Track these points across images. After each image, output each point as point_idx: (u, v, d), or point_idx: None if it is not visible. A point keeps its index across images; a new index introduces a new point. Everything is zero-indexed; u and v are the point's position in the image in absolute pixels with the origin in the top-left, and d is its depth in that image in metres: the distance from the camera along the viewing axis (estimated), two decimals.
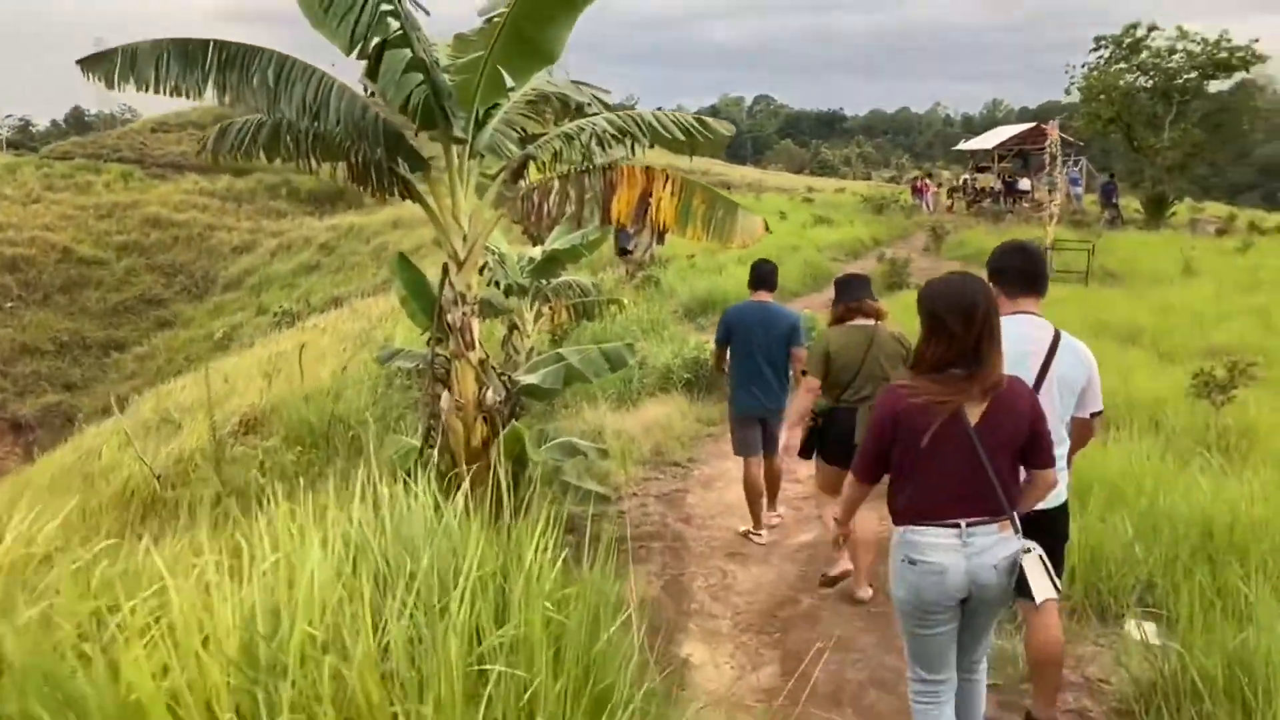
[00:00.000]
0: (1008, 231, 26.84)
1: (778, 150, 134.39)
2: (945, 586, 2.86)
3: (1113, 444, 8.36)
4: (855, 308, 5.06)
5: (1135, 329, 14.48)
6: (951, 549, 2.84)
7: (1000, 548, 2.88)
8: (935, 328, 2.86)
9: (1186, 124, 32.85)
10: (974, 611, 3.00)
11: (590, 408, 9.75)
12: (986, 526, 2.88)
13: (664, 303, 17.82)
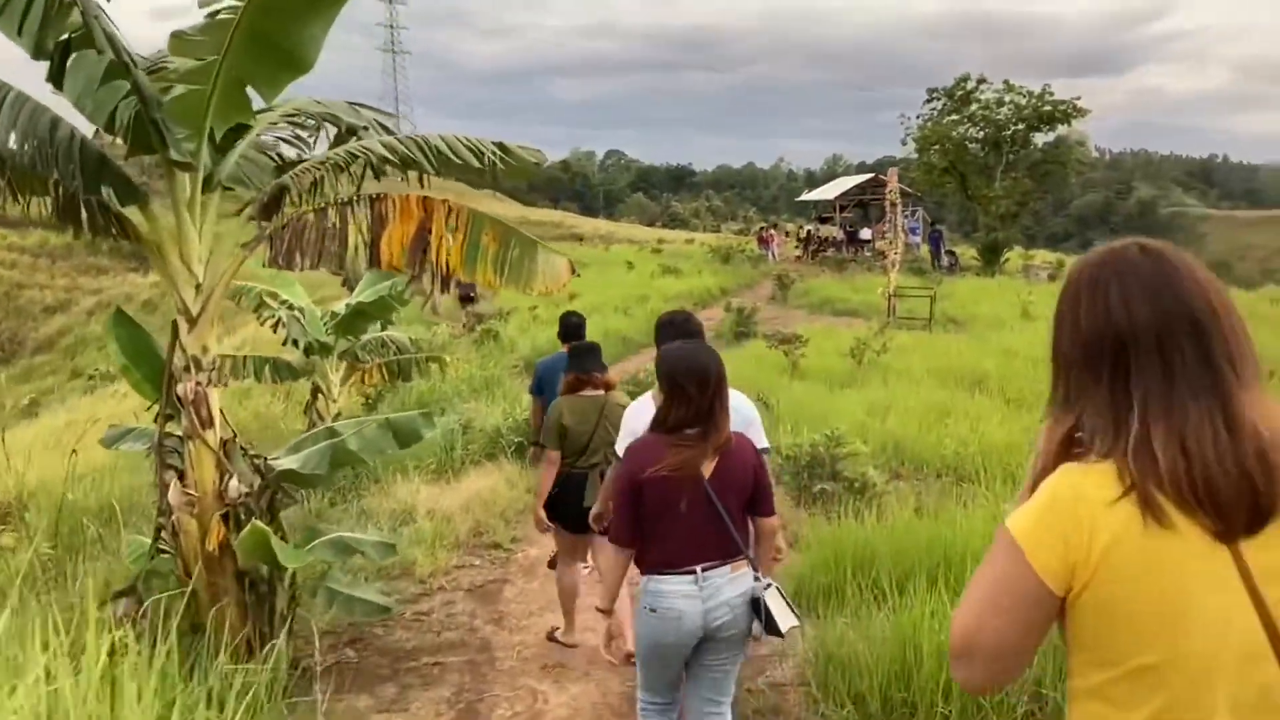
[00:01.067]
0: (851, 279, 27.01)
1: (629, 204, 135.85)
2: (682, 631, 3.06)
3: (973, 504, 7.78)
4: (586, 379, 5.01)
5: (981, 375, 14.27)
6: (689, 595, 3.04)
7: (733, 587, 3.10)
8: (675, 392, 3.06)
9: (1017, 173, 34.27)
10: (715, 649, 3.16)
11: (405, 481, 8.57)
12: (720, 569, 3.09)
13: (503, 357, 16.75)
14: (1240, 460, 1.24)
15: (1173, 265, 1.35)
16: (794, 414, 11.49)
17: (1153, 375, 1.30)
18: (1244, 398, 1.29)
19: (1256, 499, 1.23)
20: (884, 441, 10.26)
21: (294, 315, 8.67)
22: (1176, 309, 1.32)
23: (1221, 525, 1.25)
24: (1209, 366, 1.29)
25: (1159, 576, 1.26)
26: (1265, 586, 1.25)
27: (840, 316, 20.55)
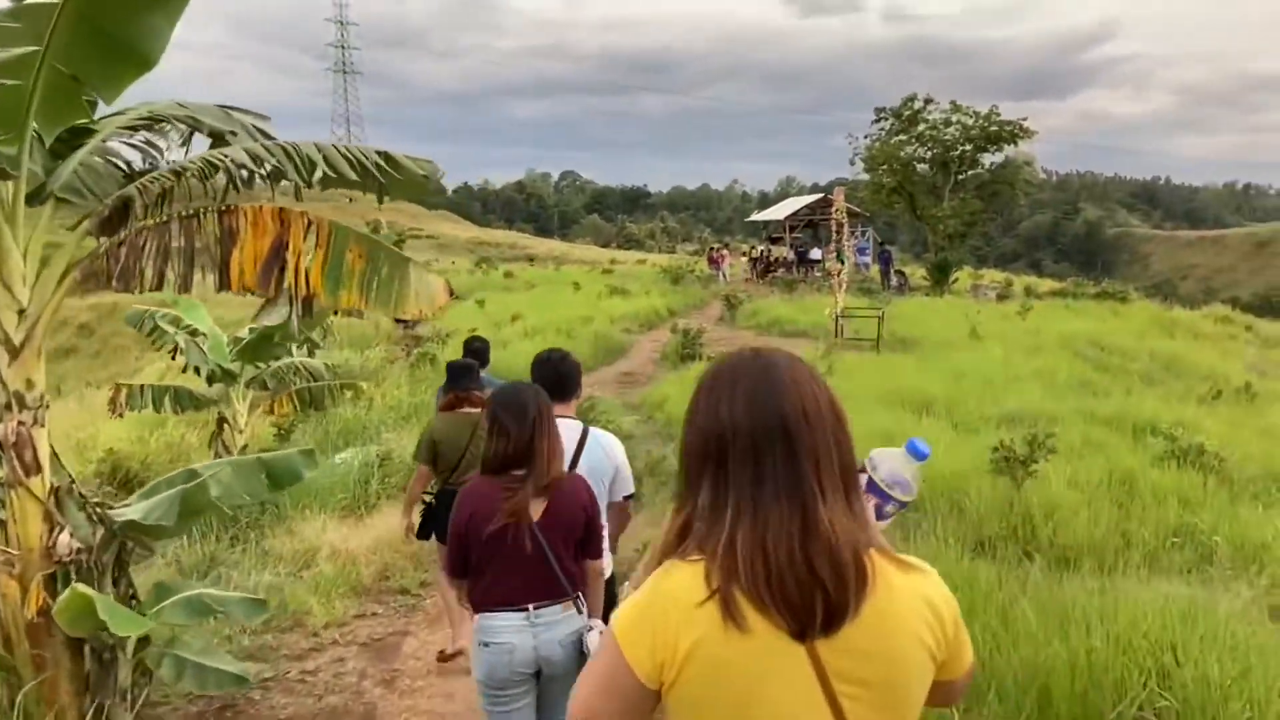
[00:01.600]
0: (800, 300, 26.73)
1: (584, 225, 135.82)
2: (514, 664, 3.09)
3: (918, 538, 7.35)
4: (464, 397, 5.12)
5: (928, 398, 13.93)
6: (520, 630, 3.09)
7: (564, 625, 3.14)
8: (495, 428, 3.12)
9: (965, 193, 34.28)
10: (546, 688, 3.21)
11: (312, 518, 7.97)
12: (552, 608, 3.13)
13: (438, 382, 16.14)
14: (811, 564, 1.29)
15: (778, 373, 1.40)
16: None
17: (745, 478, 1.35)
18: (826, 503, 1.33)
19: (827, 601, 1.29)
20: None
21: (193, 341, 8.04)
22: (771, 416, 1.36)
23: (796, 626, 1.30)
24: (795, 472, 1.34)
25: (735, 676, 1.31)
26: (839, 684, 1.31)
27: (788, 337, 20.15)
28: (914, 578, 1.38)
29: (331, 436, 11.64)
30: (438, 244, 72.43)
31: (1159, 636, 3.94)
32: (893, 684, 1.34)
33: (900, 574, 1.37)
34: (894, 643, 1.33)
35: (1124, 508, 8.70)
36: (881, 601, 1.33)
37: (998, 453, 8.84)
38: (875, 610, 1.32)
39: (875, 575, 1.33)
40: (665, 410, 13.35)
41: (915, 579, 1.38)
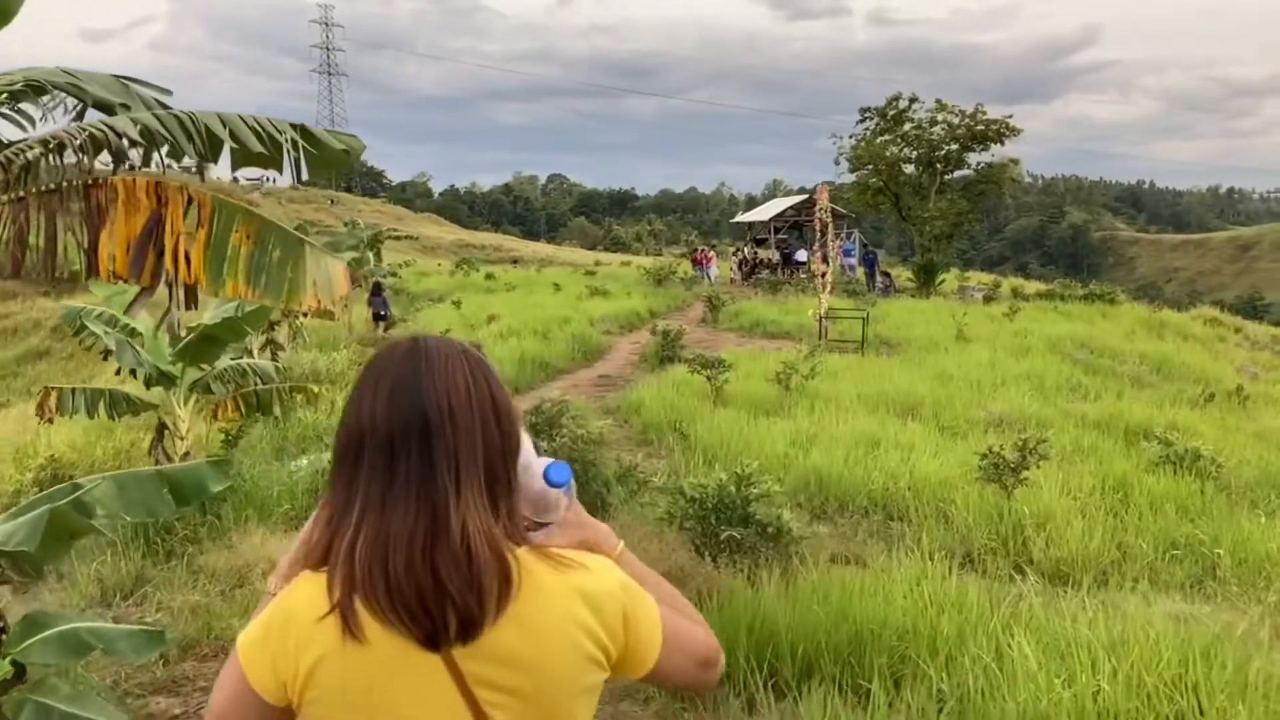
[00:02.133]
0: (784, 302, 26.28)
1: (571, 227, 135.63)
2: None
3: (901, 550, 6.87)
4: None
5: (914, 400, 13.50)
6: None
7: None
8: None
9: (952, 194, 33.81)
10: None
11: (255, 531, 7.44)
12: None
13: None
14: (435, 570, 1.21)
15: (428, 365, 1.29)
16: (712, 446, 10.56)
17: (377, 479, 1.25)
18: (461, 504, 1.24)
19: (457, 609, 1.20)
20: (806, 476, 9.36)
21: (129, 341, 7.49)
22: (411, 411, 1.26)
23: (424, 635, 1.22)
24: (429, 471, 1.24)
25: (362, 692, 1.23)
26: (482, 692, 1.23)
27: (772, 339, 19.71)
28: (572, 575, 1.29)
29: (290, 442, 11.11)
30: (421, 246, 71.82)
31: (1176, 675, 3.45)
32: (545, 691, 1.25)
33: (554, 573, 1.28)
34: (543, 648, 1.25)
35: (1119, 517, 8.25)
36: (528, 605, 1.25)
37: (987, 459, 8.38)
38: (520, 614, 1.25)
39: (521, 577, 1.25)
40: (641, 415, 12.86)
41: (573, 576, 1.29)
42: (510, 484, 1.32)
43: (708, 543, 6.79)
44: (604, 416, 13.06)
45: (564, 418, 10.90)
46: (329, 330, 21.00)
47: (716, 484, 6.96)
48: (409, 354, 1.31)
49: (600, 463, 8.75)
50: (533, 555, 1.28)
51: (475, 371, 1.32)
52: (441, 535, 1.21)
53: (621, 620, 1.30)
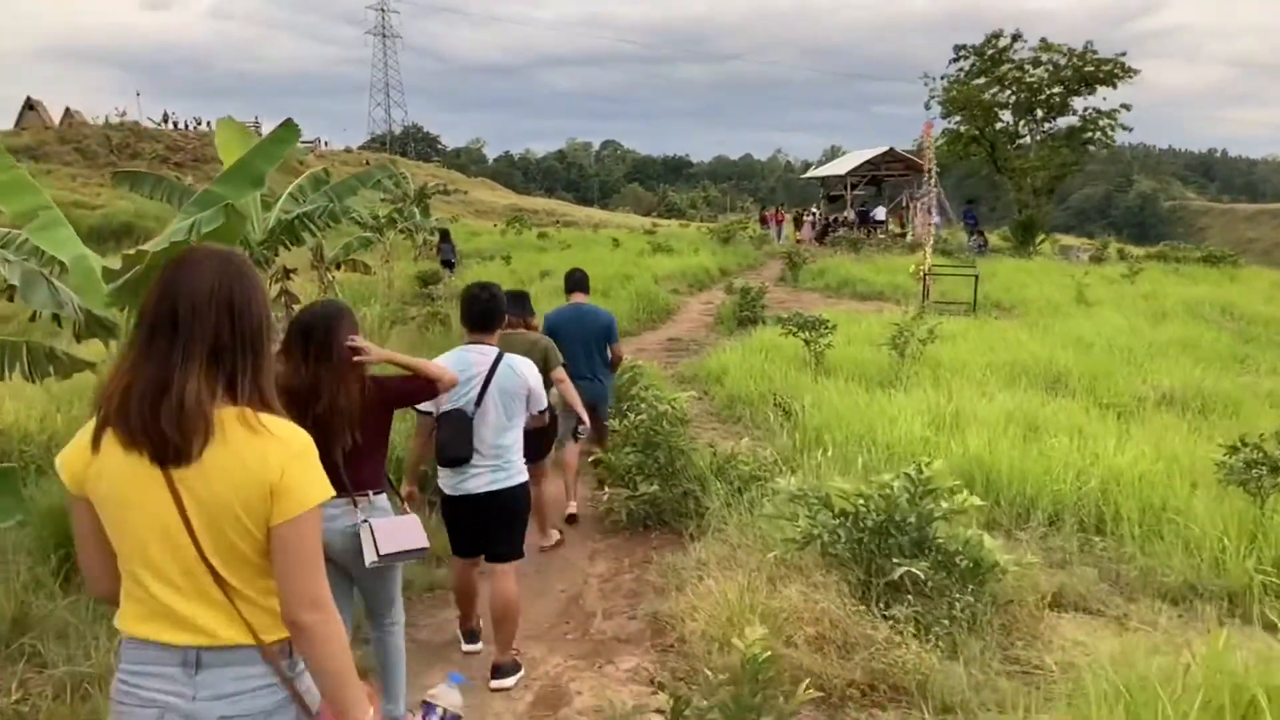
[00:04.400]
0: (870, 260, 23.76)
1: (625, 193, 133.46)
2: (329, 547, 2.90)
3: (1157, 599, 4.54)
4: (517, 322, 5.64)
5: (1058, 371, 11.07)
6: (334, 518, 3.38)
7: (343, 519, 3.45)
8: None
9: (1054, 142, 30.57)
10: (344, 572, 3.51)
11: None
12: (336, 501, 3.18)
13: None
14: (158, 416, 1.76)
15: (186, 269, 1.85)
16: (824, 426, 8.24)
17: (137, 349, 1.83)
18: (186, 374, 1.78)
19: (172, 443, 1.76)
20: (964, 469, 7.00)
21: (42, 274, 5.35)
22: (166, 304, 1.82)
23: (154, 456, 1.78)
24: (170, 348, 1.79)
25: (113, 488, 1.82)
26: (186, 497, 1.78)
27: (864, 300, 17.31)
28: (261, 439, 1.80)
29: None
30: (474, 210, 70.05)
31: None
32: (224, 504, 1.78)
33: (249, 434, 1.80)
34: (227, 478, 1.78)
35: None
36: (222, 449, 1.78)
37: (1237, 455, 5.95)
38: (217, 453, 1.78)
39: (222, 430, 1.79)
40: (725, 385, 10.60)
41: (262, 440, 1.80)
42: (240, 362, 1.83)
43: (871, 584, 4.48)
44: (681, 385, 10.82)
45: (635, 386, 8.66)
46: (366, 285, 18.94)
47: (881, 492, 4.64)
48: (178, 260, 1.89)
49: (688, 448, 6.47)
50: (237, 418, 1.80)
51: (224, 279, 1.85)
52: (165, 393, 1.77)
53: (283, 473, 1.79)
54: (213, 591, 1.80)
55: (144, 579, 1.81)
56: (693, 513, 6.09)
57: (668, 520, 6.22)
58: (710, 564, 5.18)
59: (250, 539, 1.79)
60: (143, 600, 1.82)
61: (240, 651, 1.82)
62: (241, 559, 1.80)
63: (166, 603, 1.80)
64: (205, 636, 1.80)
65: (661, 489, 6.06)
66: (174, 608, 1.80)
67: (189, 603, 1.80)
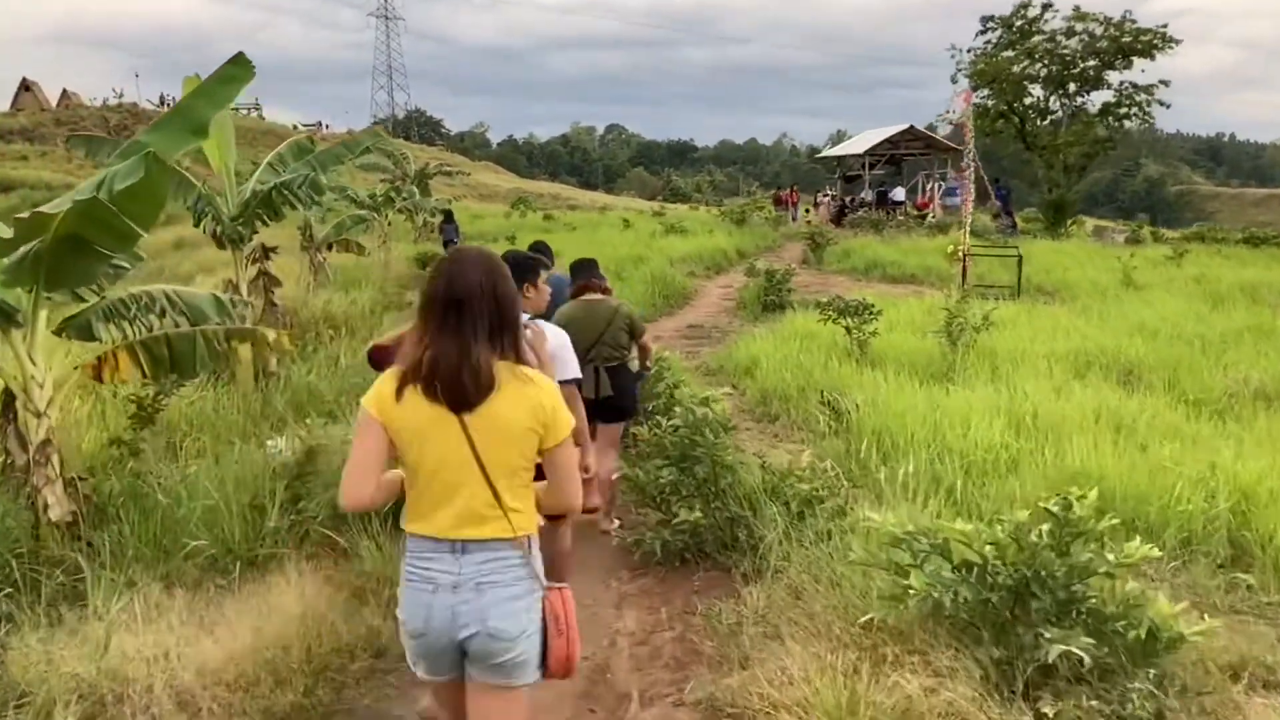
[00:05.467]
0: (895, 241, 22.50)
1: (629, 178, 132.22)
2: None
3: None
4: (587, 285, 5.67)
5: (1128, 362, 9.87)
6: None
7: None
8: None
9: (1089, 117, 29.06)
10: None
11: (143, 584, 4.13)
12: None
13: None
14: (461, 376, 2.32)
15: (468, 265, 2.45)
16: (884, 430, 7.05)
17: (434, 325, 2.38)
18: (478, 343, 2.35)
19: (469, 396, 2.33)
20: (1057, 486, 5.79)
21: None
22: (453, 292, 2.39)
23: (450, 404, 2.34)
24: (461, 325, 2.35)
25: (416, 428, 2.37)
26: (475, 434, 2.34)
27: (894, 284, 16.08)
28: (529, 387, 2.39)
29: (274, 410, 7.82)
30: (477, 194, 68.73)
31: None
32: (505, 438, 2.37)
33: (520, 384, 2.38)
34: (507, 418, 2.36)
35: None
36: (501, 397, 2.35)
37: None
38: (498, 400, 2.35)
39: (501, 384, 2.35)
40: (757, 379, 9.40)
41: (530, 388, 2.39)
42: (505, 333, 2.40)
43: (1014, 662, 3.28)
44: (710, 380, 9.63)
45: (663, 384, 7.44)
46: (360, 268, 17.75)
47: (1017, 537, 3.43)
48: (455, 258, 2.50)
49: (734, 462, 5.26)
50: (509, 371, 2.38)
51: (487, 274, 2.43)
52: (464, 361, 2.33)
53: (551, 412, 2.40)
54: (487, 502, 2.38)
55: (434, 492, 2.40)
56: (743, 545, 4.90)
57: (710, 553, 5.02)
58: (775, 619, 3.99)
59: (522, 461, 2.41)
60: (429, 508, 2.41)
61: (496, 542, 2.40)
62: (511, 477, 2.41)
63: (445, 509, 2.39)
64: (471, 531, 2.39)
65: (704, 514, 4.86)
66: (452, 513, 2.39)
67: (466, 510, 2.38)
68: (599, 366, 5.39)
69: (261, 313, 9.95)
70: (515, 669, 2.41)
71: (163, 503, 4.80)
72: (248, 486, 4.99)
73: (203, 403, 7.58)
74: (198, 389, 7.62)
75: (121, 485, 5.03)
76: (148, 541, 4.58)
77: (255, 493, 4.89)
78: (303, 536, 4.83)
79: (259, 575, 4.47)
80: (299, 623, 3.88)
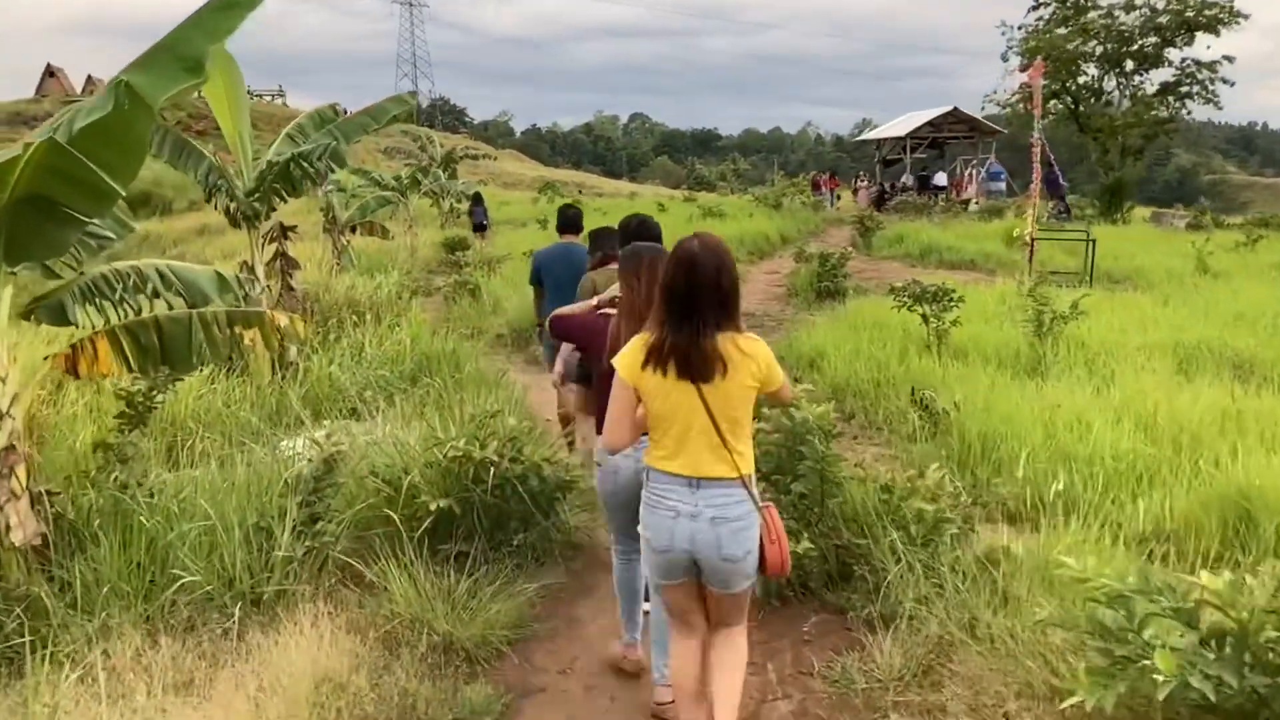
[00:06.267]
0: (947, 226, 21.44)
1: (653, 166, 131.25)
2: (619, 482, 3.56)
3: None
4: (610, 257, 5.46)
5: (1238, 356, 8.82)
6: (625, 455, 3.46)
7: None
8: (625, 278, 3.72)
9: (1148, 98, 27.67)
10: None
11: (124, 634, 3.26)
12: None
13: (481, 321, 11.34)
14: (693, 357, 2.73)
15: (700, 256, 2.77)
16: (990, 434, 6.13)
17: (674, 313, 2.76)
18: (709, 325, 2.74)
19: (698, 373, 2.74)
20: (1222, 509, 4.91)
21: None
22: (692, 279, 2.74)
23: (690, 379, 2.75)
24: (696, 311, 2.73)
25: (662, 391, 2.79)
26: (708, 398, 2.75)
27: (954, 269, 15.05)
28: (749, 357, 2.78)
29: (290, 405, 6.96)
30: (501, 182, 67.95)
31: None
32: (734, 400, 2.77)
33: (742, 356, 2.77)
34: (735, 385, 2.76)
35: None
36: (730, 371, 2.74)
37: None
38: (728, 373, 2.74)
39: (729, 357, 2.74)
40: (824, 372, 8.47)
41: (749, 358, 2.78)
42: (731, 313, 2.80)
43: None
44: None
45: None
46: (385, 251, 16.90)
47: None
48: (690, 248, 2.79)
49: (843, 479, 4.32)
50: (733, 342, 2.77)
51: (718, 269, 2.77)
52: (695, 344, 2.73)
53: (768, 366, 2.82)
54: (717, 446, 2.80)
55: (675, 439, 2.83)
56: (857, 580, 3.98)
57: (815, 589, 4.10)
58: (926, 689, 3.07)
59: (745, 413, 2.84)
60: (671, 451, 2.84)
61: (724, 481, 2.83)
62: (735, 426, 2.82)
63: (685, 452, 2.82)
64: (706, 471, 2.82)
65: (813, 543, 3.93)
66: (689, 457, 2.82)
67: (700, 454, 2.81)
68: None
69: (278, 297, 9.10)
70: (742, 579, 2.90)
71: (149, 524, 3.92)
72: (255, 502, 4.11)
73: (212, 397, 6.76)
74: (206, 381, 6.79)
75: (104, 500, 4.16)
76: (129, 574, 3.71)
77: (263, 511, 4.00)
78: (320, 566, 3.95)
79: (265, 617, 3.59)
80: (312, 690, 2.99)
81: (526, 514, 4.47)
